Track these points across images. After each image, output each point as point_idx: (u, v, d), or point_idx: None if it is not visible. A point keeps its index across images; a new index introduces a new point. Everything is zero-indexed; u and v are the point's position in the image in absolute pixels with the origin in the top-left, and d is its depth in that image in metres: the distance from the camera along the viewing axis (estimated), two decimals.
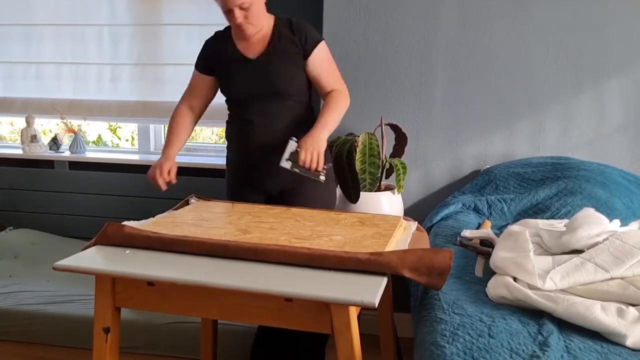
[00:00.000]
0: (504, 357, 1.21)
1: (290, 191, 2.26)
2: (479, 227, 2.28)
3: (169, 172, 2.13)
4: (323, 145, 2.05)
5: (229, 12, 2.07)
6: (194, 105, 2.33)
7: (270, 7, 2.19)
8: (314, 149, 2.00)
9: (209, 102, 2.37)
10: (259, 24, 2.14)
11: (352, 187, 2.40)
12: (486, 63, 2.74)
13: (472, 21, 2.71)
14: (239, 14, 2.06)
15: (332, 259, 1.45)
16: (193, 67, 2.32)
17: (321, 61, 2.22)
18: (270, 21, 2.21)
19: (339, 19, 2.78)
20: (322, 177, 2.05)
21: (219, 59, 2.25)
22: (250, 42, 2.20)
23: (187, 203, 2.15)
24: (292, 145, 2.04)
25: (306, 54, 2.19)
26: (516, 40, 2.70)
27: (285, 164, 2.03)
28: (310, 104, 2.32)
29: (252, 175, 2.28)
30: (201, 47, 2.33)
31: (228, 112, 2.35)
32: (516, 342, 1.27)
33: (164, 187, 2.12)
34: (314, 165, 2.01)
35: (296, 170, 2.04)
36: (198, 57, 2.32)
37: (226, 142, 2.39)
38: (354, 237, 1.65)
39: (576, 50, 2.67)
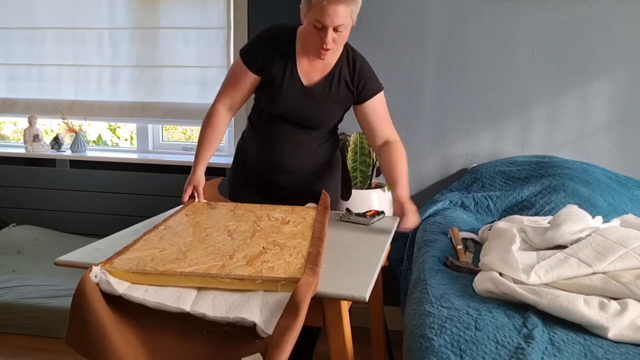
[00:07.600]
0: (490, 349, 1.22)
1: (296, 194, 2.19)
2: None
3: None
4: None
5: (321, 30, 1.85)
6: (234, 101, 2.12)
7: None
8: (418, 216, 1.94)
9: (248, 98, 2.16)
10: (339, 52, 2.03)
11: (344, 185, 2.42)
12: (473, 65, 2.78)
13: (459, 24, 2.75)
14: (330, 36, 1.85)
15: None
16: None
17: (377, 109, 2.12)
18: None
19: None
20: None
21: (273, 65, 2.02)
22: (312, 65, 2.03)
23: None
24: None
25: (361, 101, 2.09)
26: (502, 42, 2.74)
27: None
28: (335, 129, 2.26)
29: (262, 187, 2.21)
30: (254, 39, 2.07)
31: (253, 113, 2.21)
32: (502, 334, 1.29)
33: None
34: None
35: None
36: (248, 50, 2.06)
37: (236, 144, 2.30)
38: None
39: (560, 52, 2.71)
